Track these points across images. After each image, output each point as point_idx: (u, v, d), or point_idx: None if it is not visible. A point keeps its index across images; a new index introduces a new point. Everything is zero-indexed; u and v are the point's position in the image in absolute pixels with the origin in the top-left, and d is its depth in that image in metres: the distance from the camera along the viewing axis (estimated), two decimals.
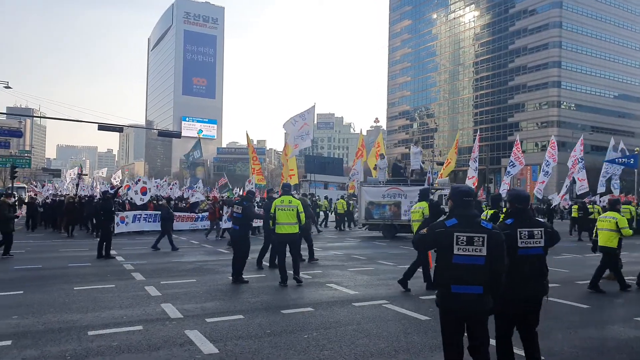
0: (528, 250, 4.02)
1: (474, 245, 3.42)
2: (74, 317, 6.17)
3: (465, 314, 3.50)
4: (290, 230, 8.66)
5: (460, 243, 3.43)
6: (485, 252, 3.42)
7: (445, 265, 3.51)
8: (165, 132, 32.98)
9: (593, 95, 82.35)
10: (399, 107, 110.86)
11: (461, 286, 3.43)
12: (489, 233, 3.46)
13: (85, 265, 11.04)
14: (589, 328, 6.14)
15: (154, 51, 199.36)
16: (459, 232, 3.46)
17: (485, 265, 3.43)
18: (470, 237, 3.44)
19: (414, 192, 18.38)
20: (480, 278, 3.43)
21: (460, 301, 3.44)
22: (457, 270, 3.44)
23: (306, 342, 5.23)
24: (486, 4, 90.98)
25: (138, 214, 19.75)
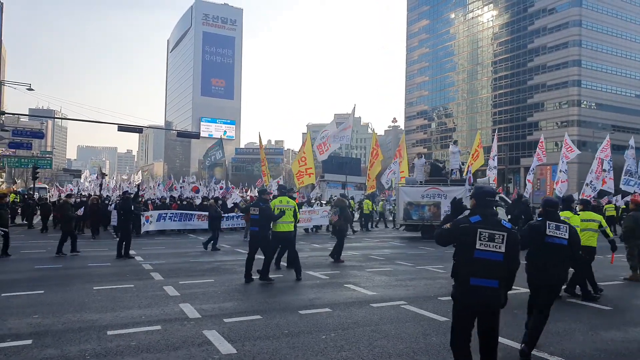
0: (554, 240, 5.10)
1: (495, 242, 3.66)
2: (94, 316, 6.25)
3: (482, 306, 3.72)
4: (286, 228, 9.20)
5: (482, 239, 3.66)
6: (504, 249, 3.66)
7: (466, 259, 3.72)
8: (184, 133, 33.24)
9: (614, 94, 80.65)
10: (417, 107, 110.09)
11: (480, 279, 3.66)
12: (509, 232, 3.70)
13: (104, 265, 11.19)
14: (611, 330, 5.99)
15: (173, 52, 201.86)
16: (482, 228, 3.68)
17: (503, 262, 3.68)
18: (492, 234, 3.67)
19: (454, 192, 18.06)
20: (497, 273, 3.68)
21: (478, 294, 3.67)
22: (478, 265, 3.66)
23: (324, 343, 5.20)
24: (505, 3, 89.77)
25: (163, 213, 19.90)
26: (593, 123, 75.13)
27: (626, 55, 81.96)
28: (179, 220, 19.94)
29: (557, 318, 6.49)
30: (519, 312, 6.76)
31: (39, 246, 15.26)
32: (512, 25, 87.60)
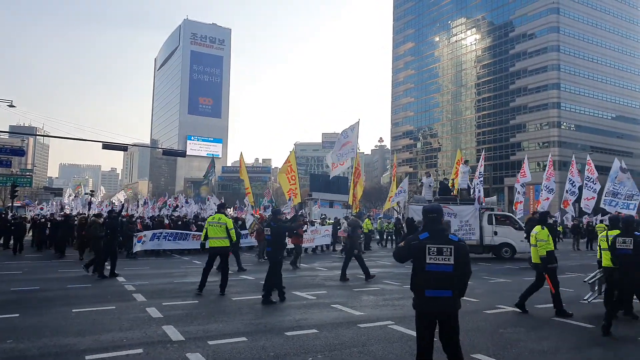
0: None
1: (444, 255, 3.98)
2: (72, 340, 6.04)
3: (438, 315, 4.06)
4: (220, 243, 9.72)
5: (431, 253, 3.99)
6: (453, 260, 3.98)
7: (419, 272, 4.05)
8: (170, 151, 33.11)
9: (592, 116, 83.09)
10: (403, 127, 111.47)
11: (434, 290, 3.99)
12: (456, 244, 4.03)
13: (85, 286, 10.91)
14: (594, 348, 6.03)
15: (161, 71, 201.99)
16: (430, 244, 4.02)
17: (453, 272, 3.98)
18: (440, 248, 4.00)
19: (464, 212, 18.16)
20: (449, 283, 3.99)
21: (434, 304, 4.00)
22: (430, 277, 3.99)
23: None
24: (487, 27, 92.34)
25: (158, 232, 19.15)
26: (573, 144, 76.90)
27: (603, 80, 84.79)
28: (173, 240, 19.24)
29: (543, 336, 6.50)
30: (505, 331, 6.76)
31: (15, 267, 14.85)
32: (494, 49, 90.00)
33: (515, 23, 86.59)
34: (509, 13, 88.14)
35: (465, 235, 18.13)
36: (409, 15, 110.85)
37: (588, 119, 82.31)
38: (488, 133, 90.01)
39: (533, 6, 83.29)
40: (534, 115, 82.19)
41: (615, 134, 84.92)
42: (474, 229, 18.29)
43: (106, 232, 13.28)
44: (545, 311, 8.34)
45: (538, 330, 6.86)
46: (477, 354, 5.57)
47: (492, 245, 18.56)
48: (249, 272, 13.52)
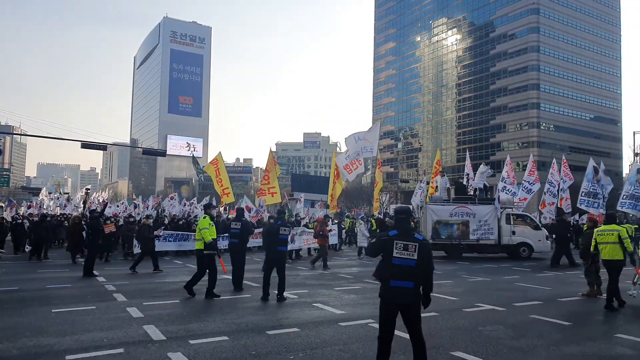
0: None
1: (409, 251, 4.52)
2: (51, 341, 5.98)
3: (400, 304, 4.56)
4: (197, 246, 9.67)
5: (398, 249, 4.53)
6: (417, 256, 4.50)
7: (387, 265, 4.58)
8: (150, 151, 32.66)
9: (570, 117, 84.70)
10: (384, 127, 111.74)
11: (398, 281, 4.52)
12: (420, 242, 4.57)
13: (65, 286, 10.75)
14: (570, 345, 6.19)
15: (140, 69, 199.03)
16: (398, 240, 4.56)
17: (416, 267, 4.52)
18: (406, 244, 4.54)
19: (483, 211, 18.12)
20: (412, 276, 4.52)
21: (397, 293, 4.53)
22: (396, 269, 4.52)
23: None
24: (467, 27, 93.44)
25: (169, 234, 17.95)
26: (551, 144, 78.33)
27: (581, 81, 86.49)
28: (174, 241, 18.10)
29: (520, 334, 6.66)
30: (484, 329, 6.90)
31: None
32: (475, 49, 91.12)
33: (496, 23, 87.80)
34: (489, 13, 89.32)
35: (484, 234, 18.23)
36: (390, 15, 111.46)
37: (567, 120, 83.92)
38: (468, 133, 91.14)
39: (513, 7, 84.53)
40: (514, 116, 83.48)
41: (593, 135, 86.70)
42: (492, 229, 18.33)
43: (87, 232, 13.13)
44: (524, 309, 8.54)
45: (516, 328, 7.02)
46: (456, 351, 5.68)
47: (509, 245, 18.54)
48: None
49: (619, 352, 5.89)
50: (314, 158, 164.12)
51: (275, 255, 9.35)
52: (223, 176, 20.83)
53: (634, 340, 6.40)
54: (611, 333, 6.83)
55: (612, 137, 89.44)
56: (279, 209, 12.65)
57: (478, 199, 19.67)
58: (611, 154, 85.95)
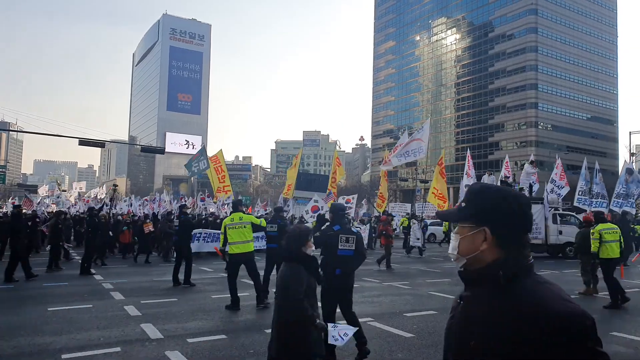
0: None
1: (349, 243, 5.24)
2: (48, 339, 5.95)
3: (341, 289, 5.27)
4: (245, 249, 8.27)
5: (342, 241, 5.22)
6: (354, 247, 5.25)
7: (332, 256, 5.24)
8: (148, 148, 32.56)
9: (568, 117, 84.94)
10: (383, 125, 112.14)
11: (341, 270, 5.20)
12: (356, 235, 5.34)
13: (61, 284, 10.72)
14: None
15: (139, 66, 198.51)
16: (342, 234, 5.25)
17: (353, 256, 5.27)
18: (347, 237, 5.25)
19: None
20: (350, 264, 5.29)
21: (340, 280, 5.23)
22: (340, 259, 5.20)
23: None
24: (467, 27, 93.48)
25: (197, 233, 15.79)
26: (549, 144, 78.53)
27: (579, 81, 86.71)
28: (211, 242, 16.17)
29: None
30: None
31: None
32: (474, 48, 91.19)
33: (495, 23, 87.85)
34: (488, 13, 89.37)
35: (532, 234, 18.02)
36: (390, 14, 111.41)
37: (564, 120, 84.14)
38: (467, 132, 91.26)
39: (512, 7, 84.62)
40: (512, 115, 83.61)
41: (590, 134, 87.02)
42: (540, 229, 18.32)
43: (87, 229, 13.06)
44: None
45: None
46: None
47: (556, 245, 18.50)
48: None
49: (614, 350, 5.89)
50: (313, 156, 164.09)
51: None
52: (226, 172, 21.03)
53: (629, 339, 6.41)
54: (606, 331, 6.84)
55: (609, 137, 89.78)
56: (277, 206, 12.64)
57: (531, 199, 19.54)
58: (607, 154, 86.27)
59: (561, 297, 1.20)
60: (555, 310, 1.14)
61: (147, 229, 16.75)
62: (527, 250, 1.32)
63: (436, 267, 15.16)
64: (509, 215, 1.30)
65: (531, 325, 1.12)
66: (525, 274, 1.28)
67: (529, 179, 20.93)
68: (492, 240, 1.30)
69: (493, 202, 1.33)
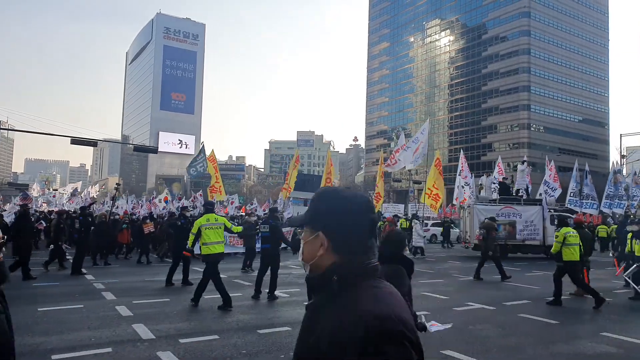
0: None
1: None
2: (37, 340, 5.89)
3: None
4: (221, 249, 8.48)
5: None
6: None
7: None
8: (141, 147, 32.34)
9: (560, 118, 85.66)
10: (377, 126, 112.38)
11: None
12: None
13: (52, 284, 10.63)
14: (558, 343, 6.24)
15: (132, 65, 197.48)
16: None
17: None
18: None
19: (529, 212, 18.01)
20: None
21: None
22: None
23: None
24: (460, 29, 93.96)
25: None
26: (542, 145, 79.10)
27: (571, 84, 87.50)
28: None
29: (509, 332, 6.70)
30: (474, 328, 6.93)
31: None
32: (467, 50, 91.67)
33: (488, 26, 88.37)
34: (482, 16, 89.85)
35: (530, 235, 18.20)
36: (384, 15, 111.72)
37: (556, 122, 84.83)
38: (460, 134, 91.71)
39: (505, 9, 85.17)
40: (505, 117, 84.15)
41: (581, 137, 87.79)
42: (538, 230, 18.35)
43: (80, 229, 12.92)
44: (513, 308, 8.58)
45: (506, 327, 7.06)
46: (446, 350, 5.69)
47: None
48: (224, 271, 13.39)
49: (605, 351, 5.95)
50: (307, 156, 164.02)
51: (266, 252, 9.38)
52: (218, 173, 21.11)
53: (619, 339, 6.47)
54: (598, 332, 6.91)
55: (600, 139, 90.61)
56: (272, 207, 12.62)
57: (524, 199, 19.57)
58: (598, 156, 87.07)
59: (382, 301, 1.17)
60: (366, 312, 1.12)
61: (147, 229, 16.43)
62: (366, 255, 1.27)
63: (429, 268, 15.22)
64: (342, 219, 1.27)
65: (346, 330, 1.11)
66: (361, 278, 1.24)
67: (524, 179, 20.99)
68: (328, 245, 1.27)
69: (328, 206, 1.30)
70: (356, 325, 1.10)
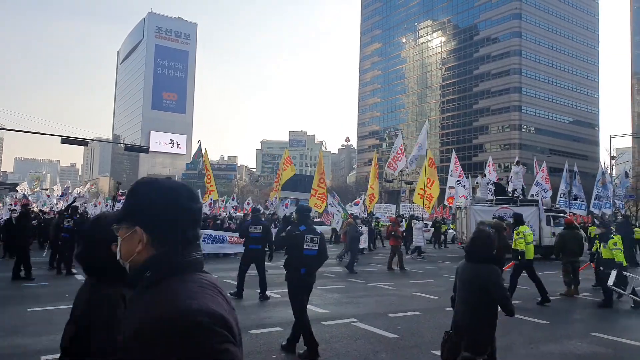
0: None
1: (313, 243, 5.47)
2: (27, 341, 5.84)
3: (308, 287, 5.55)
4: None
5: (307, 241, 5.44)
6: (318, 247, 5.50)
7: (298, 256, 5.44)
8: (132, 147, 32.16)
9: (550, 120, 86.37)
10: (369, 127, 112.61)
11: (307, 269, 5.42)
12: (320, 235, 5.60)
13: (41, 285, 10.53)
14: (549, 343, 6.29)
15: (124, 64, 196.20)
16: (308, 234, 5.48)
17: (317, 255, 5.51)
18: (312, 237, 5.49)
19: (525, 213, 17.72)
20: (314, 263, 5.54)
21: (308, 279, 5.48)
22: (306, 259, 5.42)
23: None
24: (452, 30, 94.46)
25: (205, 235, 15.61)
26: (533, 146, 79.70)
27: (561, 85, 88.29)
28: (212, 243, 16.00)
29: (500, 332, 6.73)
30: None
31: None
32: (459, 51, 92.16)
33: (480, 27, 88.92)
34: (473, 17, 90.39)
35: None
36: (376, 16, 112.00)
37: (547, 123, 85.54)
38: (452, 134, 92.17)
39: (497, 11, 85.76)
40: (496, 118, 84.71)
41: (571, 138, 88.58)
42: (534, 230, 18.08)
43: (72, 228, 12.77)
44: None
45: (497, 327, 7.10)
46: (438, 350, 5.70)
47: (549, 246, 18.32)
48: (219, 271, 13.35)
49: (595, 351, 6.01)
50: (299, 157, 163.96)
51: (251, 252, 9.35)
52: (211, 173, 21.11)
53: (609, 339, 6.54)
54: (587, 332, 6.97)
55: (590, 141, 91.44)
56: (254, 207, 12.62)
57: (520, 200, 19.60)
58: (589, 157, 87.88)
59: (189, 296, 1.10)
60: (169, 306, 1.07)
61: None
62: (187, 248, 1.22)
63: (421, 268, 15.28)
64: (161, 212, 1.21)
65: (148, 324, 1.07)
66: (175, 273, 1.18)
67: (520, 180, 21.01)
68: (147, 239, 1.21)
69: (145, 199, 1.24)
70: (158, 320, 1.06)
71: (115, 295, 1.70)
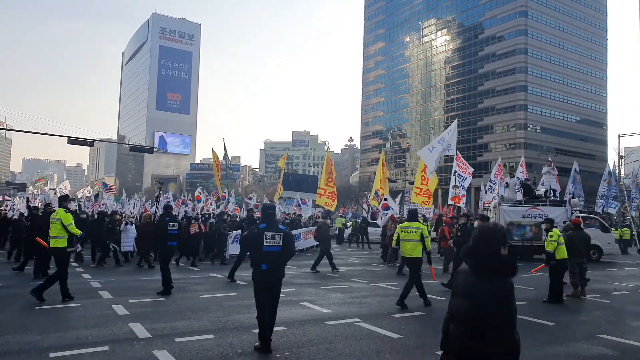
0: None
1: (275, 240, 5.63)
2: (35, 338, 5.92)
3: (269, 283, 5.64)
4: (55, 243, 8.62)
5: (268, 238, 5.60)
6: (282, 243, 5.64)
7: (258, 252, 5.61)
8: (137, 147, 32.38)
9: (557, 119, 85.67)
10: (373, 126, 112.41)
11: (267, 265, 5.56)
12: (284, 232, 5.75)
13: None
14: (554, 345, 6.28)
15: (128, 65, 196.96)
16: (267, 231, 5.63)
17: (280, 252, 5.65)
18: (273, 234, 5.64)
19: (554, 213, 17.57)
20: (277, 259, 5.64)
21: (269, 275, 5.60)
22: (266, 255, 5.57)
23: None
24: (457, 29, 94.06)
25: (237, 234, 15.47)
26: (538, 146, 79.15)
27: (568, 83, 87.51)
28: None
29: None
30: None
31: None
32: (464, 50, 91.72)
33: (485, 25, 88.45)
34: (478, 15, 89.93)
35: None
36: (380, 15, 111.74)
37: (553, 122, 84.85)
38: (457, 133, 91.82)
39: (502, 9, 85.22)
40: (502, 117, 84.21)
41: (579, 137, 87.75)
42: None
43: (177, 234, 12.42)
44: None
45: None
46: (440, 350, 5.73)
47: None
48: (218, 270, 13.43)
49: (602, 353, 6.00)
50: (302, 157, 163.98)
51: None
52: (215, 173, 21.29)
53: (616, 341, 6.52)
54: (594, 333, 6.94)
55: (598, 140, 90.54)
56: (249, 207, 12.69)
57: (549, 201, 19.45)
58: (596, 157, 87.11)
59: None
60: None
61: (193, 229, 15.79)
62: None
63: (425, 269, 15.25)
64: None
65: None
66: None
67: (552, 180, 20.56)
68: None
69: None
70: None
71: None
